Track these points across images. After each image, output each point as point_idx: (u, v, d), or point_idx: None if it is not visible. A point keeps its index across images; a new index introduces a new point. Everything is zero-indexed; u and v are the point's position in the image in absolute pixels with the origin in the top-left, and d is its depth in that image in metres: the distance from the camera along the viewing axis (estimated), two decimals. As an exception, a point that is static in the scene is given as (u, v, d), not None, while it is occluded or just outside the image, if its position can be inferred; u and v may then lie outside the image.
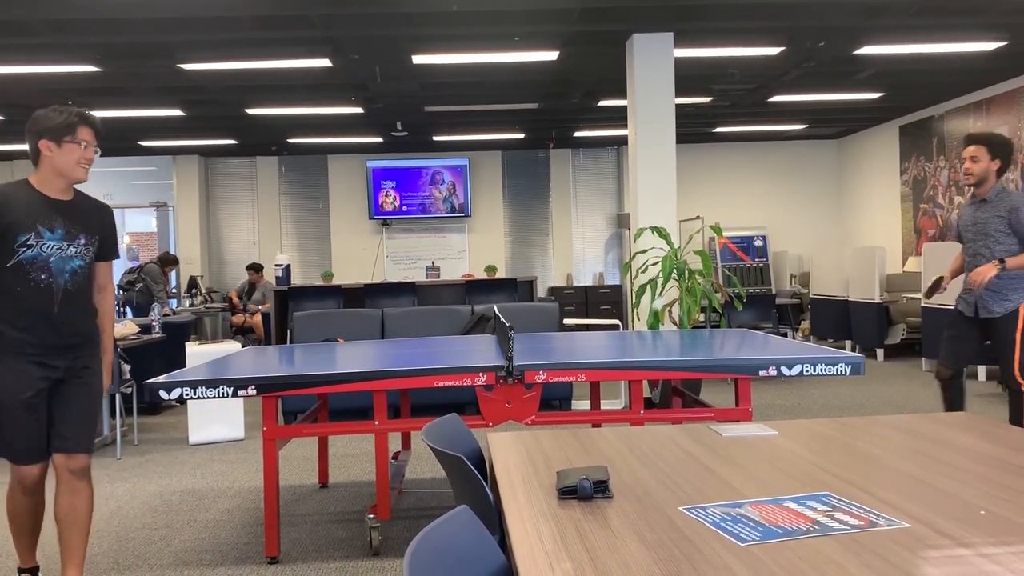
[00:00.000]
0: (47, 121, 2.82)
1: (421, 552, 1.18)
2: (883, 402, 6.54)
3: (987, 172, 4.13)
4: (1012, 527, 1.38)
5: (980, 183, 4.16)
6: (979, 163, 4.13)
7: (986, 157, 4.12)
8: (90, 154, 2.90)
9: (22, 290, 2.79)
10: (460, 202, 12.53)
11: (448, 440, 1.99)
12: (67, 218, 2.88)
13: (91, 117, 2.91)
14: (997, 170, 4.14)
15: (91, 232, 2.94)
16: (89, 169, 2.92)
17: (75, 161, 2.85)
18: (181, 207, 12.40)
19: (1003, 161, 4.13)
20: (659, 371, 3.23)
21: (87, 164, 2.89)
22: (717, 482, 1.70)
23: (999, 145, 4.13)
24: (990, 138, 4.15)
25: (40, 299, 2.81)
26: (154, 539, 3.74)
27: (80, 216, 2.93)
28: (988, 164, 4.12)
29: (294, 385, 3.16)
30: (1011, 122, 8.80)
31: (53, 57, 6.78)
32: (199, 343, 6.03)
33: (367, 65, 7.33)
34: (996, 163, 4.13)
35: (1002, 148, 4.13)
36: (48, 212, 2.84)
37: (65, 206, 2.90)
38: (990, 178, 4.15)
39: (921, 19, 6.42)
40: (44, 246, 2.82)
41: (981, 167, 4.13)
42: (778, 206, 12.85)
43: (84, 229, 2.92)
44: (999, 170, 4.14)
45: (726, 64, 7.74)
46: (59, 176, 2.86)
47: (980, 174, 4.14)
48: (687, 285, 6.13)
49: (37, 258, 2.81)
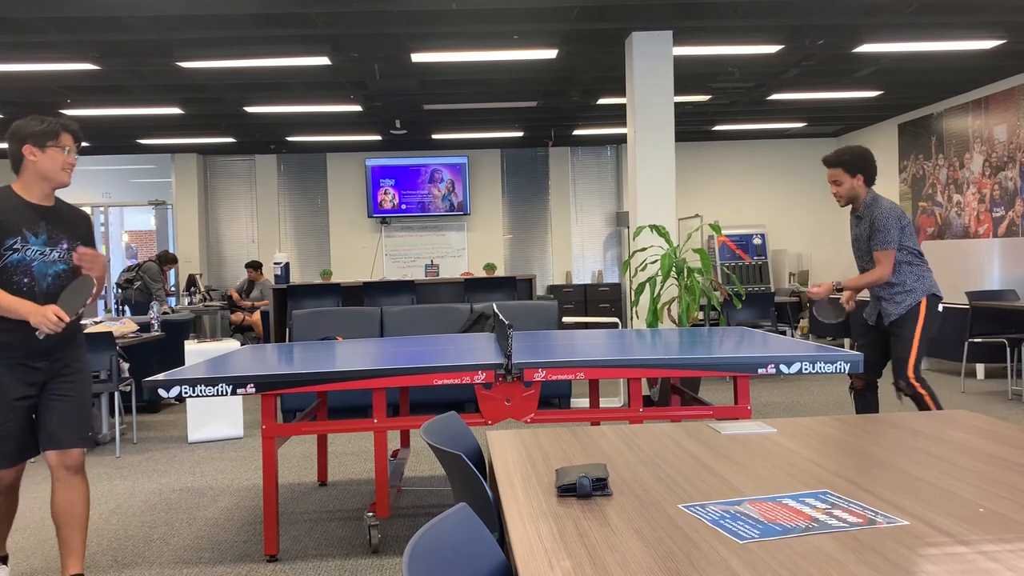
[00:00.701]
0: (30, 127, 2.89)
1: (420, 550, 1.18)
2: (882, 400, 6.54)
3: (853, 190, 4.10)
4: (1011, 524, 1.38)
5: (852, 201, 4.14)
6: (842, 185, 4.11)
7: (846, 177, 4.09)
8: (72, 159, 2.97)
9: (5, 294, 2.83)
10: (459, 200, 12.53)
11: (447, 438, 1.99)
12: (50, 223, 2.95)
13: (72, 124, 2.99)
14: (864, 182, 4.10)
15: (72, 237, 3.00)
16: (71, 173, 2.99)
17: (59, 165, 2.92)
18: (180, 205, 12.39)
19: (864, 173, 4.08)
20: (658, 369, 3.23)
21: (70, 168, 2.96)
22: (716, 480, 1.71)
23: (852, 160, 4.08)
24: (842, 157, 4.10)
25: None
26: (153, 537, 3.74)
27: (62, 221, 3.00)
28: (851, 182, 4.08)
29: (293, 383, 3.16)
30: (1009, 120, 8.80)
31: (52, 55, 6.77)
32: (198, 341, 6.03)
33: (366, 63, 7.33)
34: (859, 178, 4.09)
35: (857, 162, 4.08)
36: (33, 217, 2.91)
37: (48, 211, 2.97)
38: (860, 193, 4.11)
39: (920, 17, 6.42)
40: (28, 251, 2.89)
41: (845, 188, 4.10)
42: (777, 204, 12.85)
43: (66, 234, 2.98)
44: (866, 181, 4.10)
45: (725, 62, 7.74)
46: (43, 180, 2.93)
47: (847, 195, 4.12)
48: (686, 283, 6.13)
49: (21, 262, 2.86)
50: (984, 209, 9.36)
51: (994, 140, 9.09)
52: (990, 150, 9.17)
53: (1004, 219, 9.02)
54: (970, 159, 9.55)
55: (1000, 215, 9.08)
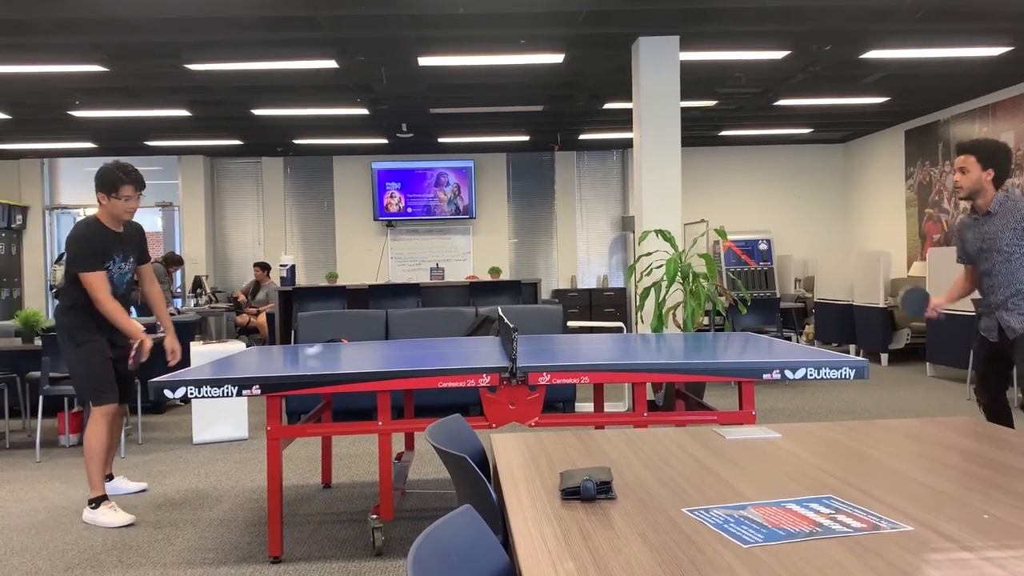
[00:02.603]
0: (101, 177, 4.01)
1: (424, 552, 1.18)
2: (887, 406, 6.53)
3: (979, 184, 3.69)
4: (1015, 531, 1.38)
5: (973, 196, 3.74)
6: (968, 174, 3.70)
7: (976, 167, 3.68)
8: (132, 205, 4.06)
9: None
10: (465, 204, 12.54)
11: (451, 440, 1.99)
12: (123, 245, 4.14)
13: (134, 174, 4.03)
14: (993, 179, 3.69)
15: (136, 252, 4.27)
16: (134, 214, 4.12)
17: (120, 211, 4.05)
18: (186, 207, 12.43)
19: (997, 169, 3.68)
20: (663, 374, 3.23)
21: (129, 213, 4.08)
22: (720, 484, 1.71)
23: (989, 152, 3.68)
24: (979, 144, 3.71)
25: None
26: (157, 538, 3.75)
27: (129, 242, 4.19)
28: (980, 175, 3.68)
29: (298, 385, 3.17)
30: (1017, 127, 8.78)
31: (60, 57, 6.80)
32: (204, 343, 6.04)
33: (373, 67, 7.35)
34: (989, 173, 3.68)
35: (994, 155, 3.68)
36: (115, 243, 4.10)
37: (120, 237, 4.14)
38: (986, 189, 3.71)
39: (927, 24, 6.41)
40: (115, 266, 4.11)
41: (970, 179, 3.70)
42: (783, 210, 12.84)
43: (132, 253, 4.23)
44: (995, 179, 3.70)
45: (732, 68, 7.74)
46: (112, 217, 4.08)
47: (971, 186, 3.71)
48: (691, 288, 6.13)
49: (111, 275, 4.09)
50: (991, 216, 9.33)
51: (1001, 147, 9.06)
52: (997, 157, 9.14)
53: (1011, 226, 8.98)
54: (977, 166, 9.51)
55: (1007, 222, 9.05)
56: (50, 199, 12.62)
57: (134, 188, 4.02)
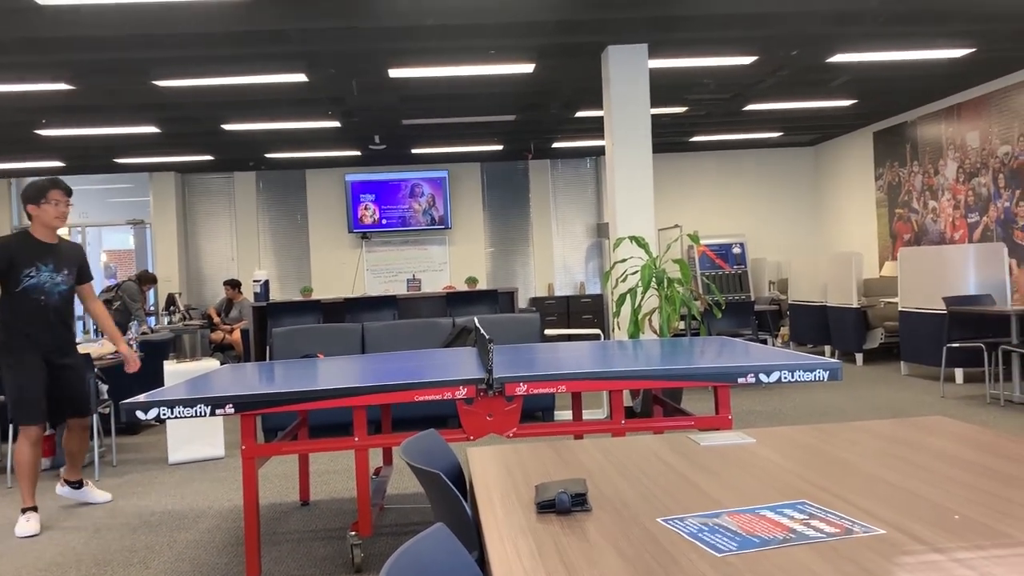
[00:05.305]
0: (28, 189, 4.10)
1: (397, 571, 1.17)
2: (863, 406, 6.58)
3: None
4: (985, 531, 1.39)
5: None
6: None
7: None
8: (63, 209, 4.14)
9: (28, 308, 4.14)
10: (440, 214, 12.53)
11: (426, 456, 1.98)
12: (54, 256, 4.18)
13: (61, 182, 4.14)
14: None
15: (71, 265, 4.27)
16: (65, 219, 4.20)
17: (51, 217, 4.14)
18: (158, 224, 12.31)
19: None
20: (639, 380, 3.23)
21: (60, 219, 4.15)
22: (695, 492, 1.71)
23: None
24: None
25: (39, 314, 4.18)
26: (133, 561, 3.69)
27: (63, 257, 4.24)
28: None
29: (273, 403, 3.13)
30: (981, 127, 8.92)
31: (26, 75, 6.72)
32: (178, 361, 5.98)
33: (344, 79, 7.33)
34: None
35: None
36: (42, 252, 4.15)
37: (52, 248, 4.19)
38: None
39: (891, 27, 6.51)
40: (41, 276, 4.13)
41: None
42: (755, 213, 12.95)
43: (66, 264, 4.24)
44: None
45: (701, 74, 7.80)
46: (44, 227, 4.17)
47: None
48: (666, 293, 6.16)
49: (37, 284, 4.12)
50: (959, 215, 9.47)
51: (967, 147, 9.21)
52: (963, 157, 9.29)
53: (979, 224, 9.13)
54: (944, 166, 9.67)
55: (975, 220, 9.19)
56: (18, 220, 12.44)
57: (62, 192, 4.13)
